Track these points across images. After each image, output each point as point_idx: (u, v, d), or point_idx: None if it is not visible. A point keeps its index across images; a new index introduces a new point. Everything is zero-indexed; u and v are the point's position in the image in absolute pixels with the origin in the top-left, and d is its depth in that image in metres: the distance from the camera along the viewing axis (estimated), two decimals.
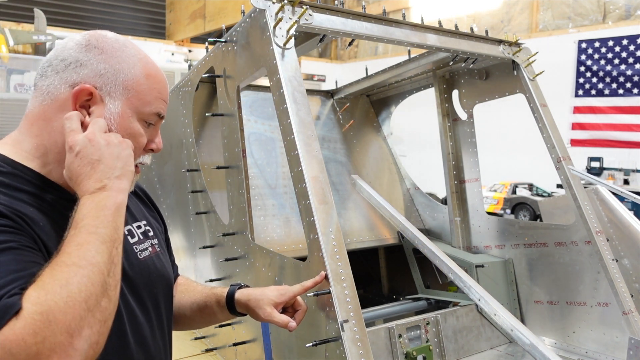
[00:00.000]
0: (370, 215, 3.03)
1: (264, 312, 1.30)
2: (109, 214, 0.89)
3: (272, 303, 1.30)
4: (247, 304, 1.32)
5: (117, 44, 1.06)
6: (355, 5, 15.69)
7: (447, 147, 3.05)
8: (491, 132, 8.23)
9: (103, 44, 1.04)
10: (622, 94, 8.82)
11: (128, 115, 1.04)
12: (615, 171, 10.00)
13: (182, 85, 2.61)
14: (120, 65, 1.04)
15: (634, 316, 2.27)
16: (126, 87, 1.04)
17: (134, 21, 13.68)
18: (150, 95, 1.07)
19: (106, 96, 1.02)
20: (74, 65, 1.01)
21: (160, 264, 1.19)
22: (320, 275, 1.50)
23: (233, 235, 2.20)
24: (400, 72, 3.10)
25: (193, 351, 2.48)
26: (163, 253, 1.24)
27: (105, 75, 1.02)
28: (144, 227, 1.20)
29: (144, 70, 1.07)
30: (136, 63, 1.06)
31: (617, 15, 10.72)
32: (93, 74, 1.02)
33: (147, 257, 1.14)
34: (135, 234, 1.15)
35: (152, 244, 1.18)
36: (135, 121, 1.06)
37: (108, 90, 1.02)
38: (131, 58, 1.06)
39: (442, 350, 2.29)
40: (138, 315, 1.07)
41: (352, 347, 1.47)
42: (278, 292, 1.33)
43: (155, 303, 1.14)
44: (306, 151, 1.70)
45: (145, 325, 1.09)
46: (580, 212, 2.44)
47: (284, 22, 1.84)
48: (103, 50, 1.04)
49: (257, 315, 1.31)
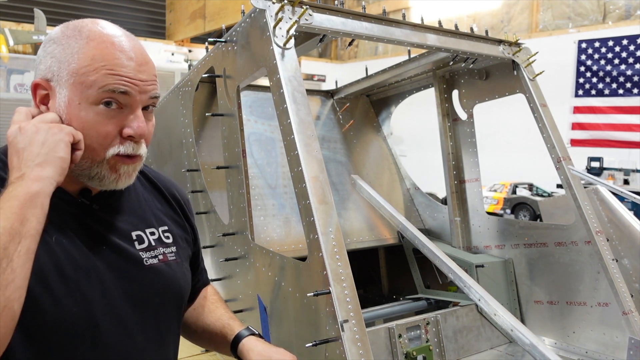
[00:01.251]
0: (370, 215, 3.03)
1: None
2: (16, 204, 0.82)
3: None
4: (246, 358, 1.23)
5: (71, 31, 1.00)
6: (355, 5, 15.69)
7: (447, 147, 3.05)
8: (491, 132, 8.24)
9: (60, 36, 1.00)
10: (622, 94, 8.82)
11: (75, 103, 0.97)
12: (615, 171, 10.00)
13: (182, 85, 2.61)
14: (65, 52, 0.98)
15: (634, 316, 2.27)
16: (69, 73, 0.97)
17: (134, 21, 13.68)
18: (96, 74, 0.96)
19: (56, 87, 0.98)
20: (37, 64, 1.02)
21: (171, 273, 1.13)
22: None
23: (233, 235, 2.20)
24: (400, 72, 3.10)
25: (193, 351, 2.48)
26: (179, 263, 1.17)
27: (52, 67, 0.98)
28: (161, 234, 1.15)
29: (89, 51, 0.97)
30: (83, 46, 0.97)
31: (617, 15, 10.72)
32: (45, 68, 0.99)
33: (155, 264, 1.10)
34: (145, 240, 1.11)
35: (165, 252, 1.14)
36: (87, 107, 0.97)
37: (57, 81, 0.98)
38: (79, 42, 0.98)
39: (442, 350, 2.29)
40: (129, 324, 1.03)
41: (352, 347, 1.47)
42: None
43: (155, 313, 1.09)
44: (306, 151, 1.70)
45: (139, 335, 1.05)
46: (580, 212, 2.44)
47: (284, 22, 1.84)
48: (56, 41, 0.99)
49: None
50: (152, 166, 3.01)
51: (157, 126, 3.20)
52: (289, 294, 1.77)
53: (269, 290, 1.92)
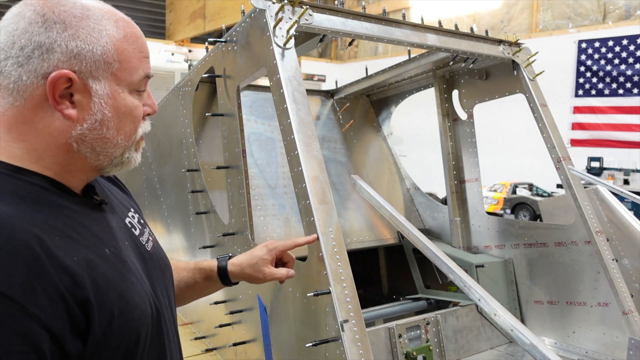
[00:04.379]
0: (370, 215, 3.03)
1: (263, 274, 1.37)
2: None
3: (267, 263, 1.36)
4: (242, 273, 1.37)
5: (77, 10, 0.86)
6: (355, 5, 15.70)
7: (447, 147, 3.05)
8: (491, 132, 8.24)
9: (64, 16, 0.84)
10: (622, 94, 8.83)
11: (118, 93, 0.89)
12: (615, 171, 10.01)
13: (182, 85, 2.61)
14: (93, 35, 0.85)
15: (634, 316, 2.27)
16: (107, 61, 0.87)
17: (134, 21, 13.69)
18: (135, 59, 0.90)
19: (89, 79, 0.85)
20: (38, 53, 0.82)
21: (162, 252, 1.12)
22: (313, 237, 1.54)
23: (233, 235, 2.20)
24: (400, 72, 3.10)
25: (193, 351, 2.48)
26: (157, 242, 1.14)
27: (80, 54, 0.84)
28: (137, 217, 1.09)
29: (120, 30, 0.89)
30: (108, 26, 0.87)
31: (617, 15, 10.72)
32: (66, 57, 0.83)
33: (153, 247, 1.07)
34: (135, 226, 1.05)
35: (149, 232, 1.10)
36: (127, 95, 0.91)
37: (89, 71, 0.85)
38: (101, 21, 0.87)
39: (442, 350, 2.29)
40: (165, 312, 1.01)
41: (352, 347, 1.47)
42: (267, 250, 1.38)
43: (167, 295, 1.07)
44: (306, 151, 1.70)
45: (171, 324, 1.04)
46: (580, 212, 2.44)
47: (284, 22, 1.84)
48: (66, 23, 0.84)
49: (256, 279, 1.37)
50: (152, 166, 3.02)
51: (157, 126, 3.22)
52: (289, 294, 1.77)
53: (269, 290, 1.92)
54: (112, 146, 0.91)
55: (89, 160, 0.91)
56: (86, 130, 0.87)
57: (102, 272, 0.82)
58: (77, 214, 0.87)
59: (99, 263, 0.83)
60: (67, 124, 0.86)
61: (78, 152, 0.89)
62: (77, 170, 0.91)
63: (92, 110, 0.87)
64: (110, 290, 0.82)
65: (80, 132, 0.87)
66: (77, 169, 0.91)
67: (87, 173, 0.93)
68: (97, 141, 0.89)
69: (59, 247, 0.77)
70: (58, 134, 0.86)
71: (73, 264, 0.77)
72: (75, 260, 0.78)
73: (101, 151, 0.91)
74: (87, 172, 0.93)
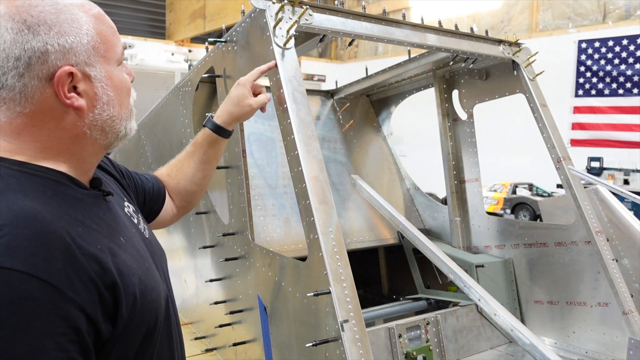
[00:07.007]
0: (370, 215, 3.03)
1: (250, 105, 1.55)
2: None
3: (247, 95, 1.55)
4: (232, 117, 1.54)
5: (49, 6, 0.88)
6: (355, 5, 15.71)
7: (447, 147, 3.05)
8: (491, 132, 8.24)
9: (43, 16, 0.86)
10: (622, 94, 8.82)
11: (112, 71, 0.95)
12: (615, 171, 10.02)
13: (182, 85, 2.61)
14: (74, 27, 0.89)
15: (634, 316, 2.27)
16: (95, 46, 0.92)
17: (134, 21, 13.69)
18: (111, 35, 0.96)
19: (85, 68, 0.90)
20: (35, 58, 0.85)
21: (156, 238, 1.16)
22: (272, 63, 1.75)
23: (233, 235, 2.20)
24: (400, 72, 3.10)
25: (193, 351, 2.48)
26: (149, 226, 1.19)
27: (72, 48, 0.88)
28: (132, 206, 1.13)
29: (90, 14, 0.93)
30: (80, 13, 0.91)
31: (617, 15, 10.73)
32: (61, 55, 0.87)
33: (150, 235, 1.12)
34: (133, 215, 1.09)
35: (143, 220, 1.15)
36: (116, 69, 0.97)
37: (84, 61, 0.90)
38: (72, 10, 0.90)
39: (442, 350, 2.29)
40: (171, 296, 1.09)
41: (352, 347, 1.47)
42: (241, 85, 1.57)
43: (167, 278, 1.12)
44: (306, 151, 1.70)
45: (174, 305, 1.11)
46: (580, 212, 2.44)
47: (284, 22, 1.84)
48: (48, 23, 0.86)
49: (246, 114, 1.56)
50: (153, 166, 3.02)
51: (158, 126, 3.21)
52: (289, 294, 1.77)
53: (269, 290, 1.92)
54: (118, 122, 0.97)
55: (99, 141, 0.96)
56: (97, 114, 0.93)
57: (122, 259, 0.88)
58: (91, 206, 0.92)
59: (118, 251, 0.89)
60: (78, 115, 0.91)
61: (90, 137, 0.94)
62: (90, 155, 0.96)
63: (98, 94, 0.93)
64: (131, 275, 0.88)
65: (92, 118, 0.93)
66: (90, 154, 0.96)
67: (97, 155, 0.99)
68: (106, 122, 0.95)
69: (83, 237, 0.83)
70: (71, 126, 0.91)
71: (98, 252, 0.83)
72: (99, 249, 0.84)
73: (110, 130, 0.96)
74: (97, 154, 0.98)
